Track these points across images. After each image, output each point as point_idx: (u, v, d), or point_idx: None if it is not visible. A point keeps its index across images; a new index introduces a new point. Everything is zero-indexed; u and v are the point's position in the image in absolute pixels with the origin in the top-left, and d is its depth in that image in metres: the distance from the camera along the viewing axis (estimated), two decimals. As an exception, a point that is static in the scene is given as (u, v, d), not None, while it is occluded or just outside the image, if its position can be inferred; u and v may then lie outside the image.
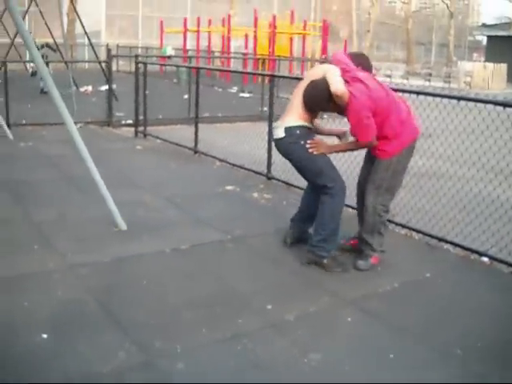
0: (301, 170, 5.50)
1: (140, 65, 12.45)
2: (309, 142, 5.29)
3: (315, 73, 5.41)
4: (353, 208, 6.31)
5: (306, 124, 5.35)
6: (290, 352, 3.94)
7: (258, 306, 4.59)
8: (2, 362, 3.70)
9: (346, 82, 5.12)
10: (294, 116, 5.35)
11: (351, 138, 5.41)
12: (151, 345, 3.93)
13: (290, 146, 5.37)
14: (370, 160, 5.48)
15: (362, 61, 5.42)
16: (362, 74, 5.21)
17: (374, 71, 5.53)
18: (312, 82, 5.26)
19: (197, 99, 10.41)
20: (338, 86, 5.06)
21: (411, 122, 5.32)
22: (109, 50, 14.24)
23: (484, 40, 57.25)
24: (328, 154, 5.40)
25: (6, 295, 4.65)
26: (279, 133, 5.39)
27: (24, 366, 3.66)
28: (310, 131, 5.39)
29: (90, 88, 21.25)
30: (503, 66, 38.00)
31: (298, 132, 5.31)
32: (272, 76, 8.74)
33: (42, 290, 4.76)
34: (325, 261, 5.33)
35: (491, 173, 7.97)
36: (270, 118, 8.46)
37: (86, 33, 19.79)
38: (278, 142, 5.45)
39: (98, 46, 26.22)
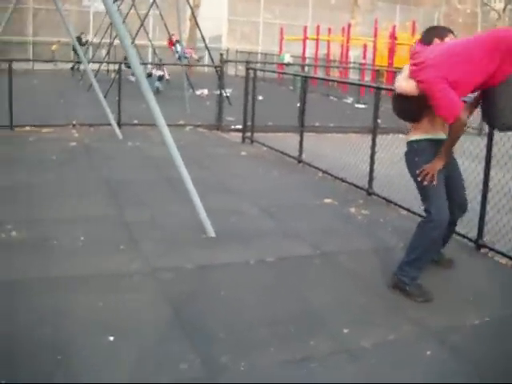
0: (416, 187, 5.17)
1: (250, 71, 12.42)
2: (417, 172, 4.92)
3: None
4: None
5: (427, 137, 4.98)
6: (359, 381, 3.71)
7: (334, 329, 4.39)
8: (66, 360, 3.69)
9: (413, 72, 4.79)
10: (414, 128, 5.07)
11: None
12: (216, 359, 3.82)
13: (407, 162, 5.13)
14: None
15: (429, 36, 4.99)
16: (425, 51, 4.82)
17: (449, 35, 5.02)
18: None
19: (303, 108, 10.29)
20: (396, 85, 4.93)
21: None
22: (221, 55, 14.36)
23: None
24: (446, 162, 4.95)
25: (83, 294, 4.69)
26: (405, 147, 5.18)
27: (85, 366, 3.66)
28: (433, 144, 4.96)
29: (205, 91, 21.52)
30: None
31: (415, 146, 5.02)
32: (377, 88, 8.45)
33: (120, 292, 4.77)
34: (407, 288, 5.03)
35: None
36: (374, 131, 8.22)
37: (203, 38, 20.04)
38: (405, 155, 5.18)
39: (219, 51, 26.50)
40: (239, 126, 13.04)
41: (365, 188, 8.45)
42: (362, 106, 20.64)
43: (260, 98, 12.23)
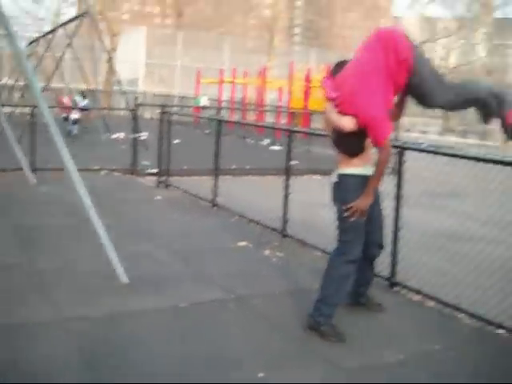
0: (337, 218, 5.18)
1: (165, 114, 12.42)
2: (343, 208, 4.97)
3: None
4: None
5: (361, 172, 5.01)
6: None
7: (249, 373, 4.34)
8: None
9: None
10: (346, 160, 5.04)
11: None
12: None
13: (336, 192, 5.14)
14: None
15: (340, 70, 5.09)
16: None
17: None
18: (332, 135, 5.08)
19: (217, 151, 10.31)
20: (339, 123, 4.88)
21: None
22: (135, 98, 14.30)
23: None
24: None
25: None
26: (334, 177, 5.15)
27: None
28: (364, 181, 4.98)
29: (122, 135, 21.36)
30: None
31: (349, 181, 5.02)
32: (290, 131, 8.57)
33: (28, 342, 4.60)
34: (322, 328, 5.04)
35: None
36: (288, 173, 8.30)
37: (119, 81, 19.96)
38: (332, 185, 5.19)
39: (135, 94, 26.43)
40: (155, 170, 12.96)
41: (279, 230, 8.48)
42: (278, 147, 20.84)
43: (176, 141, 12.21)
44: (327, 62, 35.57)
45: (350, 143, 4.96)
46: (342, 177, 5.06)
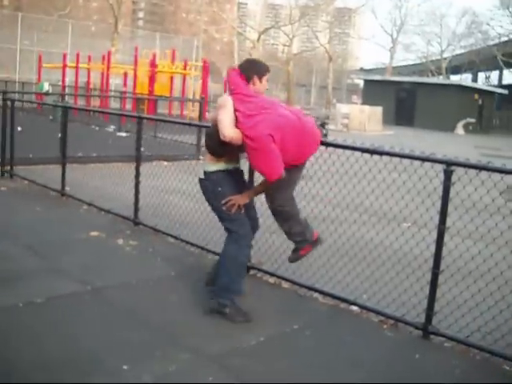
0: (214, 211, 5.40)
1: (8, 101, 11.88)
2: (223, 202, 5.17)
3: (215, 113, 5.27)
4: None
5: (224, 167, 5.25)
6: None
7: (112, 367, 4.26)
8: None
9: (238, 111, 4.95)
10: (211, 158, 5.27)
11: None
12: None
13: (206, 190, 5.32)
14: None
15: (249, 72, 5.19)
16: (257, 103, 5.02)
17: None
18: (207, 130, 5.31)
19: (64, 139, 10.00)
20: (224, 131, 4.88)
21: None
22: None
23: (362, 83, 59.27)
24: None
25: None
26: (200, 173, 5.34)
27: None
28: (230, 173, 5.29)
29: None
30: (379, 109, 39.21)
31: (214, 178, 5.23)
32: (138, 117, 8.43)
33: None
34: (227, 310, 5.16)
35: (365, 215, 7.98)
36: (138, 160, 8.19)
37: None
38: (199, 181, 5.37)
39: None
40: (-3, 160, 12.37)
41: (131, 218, 8.35)
42: (124, 134, 20.53)
43: (19, 128, 11.69)
44: (172, 47, 35.46)
45: (222, 149, 5.09)
46: (209, 174, 5.25)
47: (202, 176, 5.31)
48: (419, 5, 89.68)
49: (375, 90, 49.25)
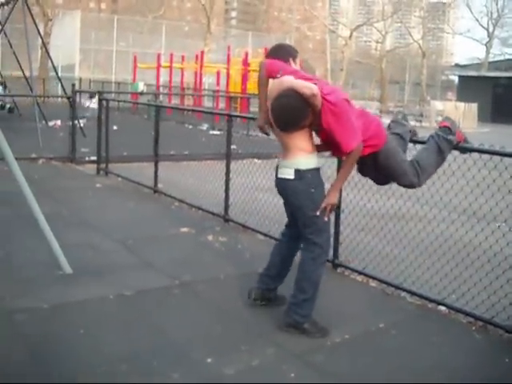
0: (296, 214, 4.92)
1: (103, 101, 12.27)
2: (318, 213, 4.69)
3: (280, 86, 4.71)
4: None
5: (317, 164, 4.75)
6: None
7: (197, 359, 4.35)
8: None
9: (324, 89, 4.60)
10: (301, 154, 4.70)
11: None
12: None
13: (297, 191, 4.74)
14: None
15: (284, 54, 4.91)
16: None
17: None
18: (276, 104, 4.65)
19: (156, 137, 10.24)
20: (306, 86, 4.49)
21: None
22: (73, 86, 14.05)
23: (456, 80, 58.04)
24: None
25: None
26: (288, 173, 4.75)
27: None
28: (320, 172, 4.78)
29: (58, 122, 20.97)
30: (474, 106, 38.35)
31: (309, 177, 4.69)
32: (229, 115, 8.57)
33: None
34: (305, 325, 4.85)
35: (454, 213, 7.84)
36: (228, 158, 8.30)
37: (54, 67, 19.57)
38: (285, 182, 4.80)
39: (72, 80, 25.99)
40: (94, 158, 12.79)
41: (221, 215, 8.49)
42: (217, 132, 20.82)
43: (114, 127, 12.04)
44: (264, 46, 35.62)
45: (304, 113, 4.58)
46: (303, 173, 4.71)
47: (288, 175, 4.74)
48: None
49: (470, 86, 48.05)
